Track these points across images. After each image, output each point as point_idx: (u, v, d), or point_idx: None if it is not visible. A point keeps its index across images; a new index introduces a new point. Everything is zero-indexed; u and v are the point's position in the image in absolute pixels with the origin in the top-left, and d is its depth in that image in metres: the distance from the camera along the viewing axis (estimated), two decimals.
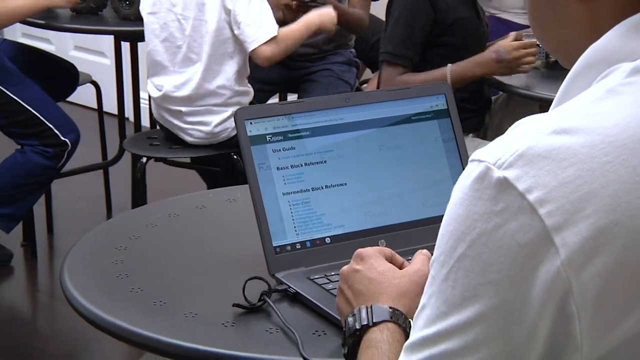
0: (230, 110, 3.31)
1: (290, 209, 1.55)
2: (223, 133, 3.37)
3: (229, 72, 3.31)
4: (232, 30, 3.26)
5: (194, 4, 3.27)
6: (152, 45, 3.37)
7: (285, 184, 1.56)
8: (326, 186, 1.58)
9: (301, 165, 1.57)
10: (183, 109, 3.36)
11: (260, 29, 3.23)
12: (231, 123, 3.30)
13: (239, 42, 3.28)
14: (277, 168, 1.56)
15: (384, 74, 3.21)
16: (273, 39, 3.24)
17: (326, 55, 3.92)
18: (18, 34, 5.51)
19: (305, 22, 3.37)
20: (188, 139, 3.40)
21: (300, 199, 1.56)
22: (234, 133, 3.28)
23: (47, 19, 3.81)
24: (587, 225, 0.85)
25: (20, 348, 3.24)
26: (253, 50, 3.26)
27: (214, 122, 3.34)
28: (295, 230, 1.55)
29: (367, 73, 4.70)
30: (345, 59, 3.94)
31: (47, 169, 3.66)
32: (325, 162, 1.59)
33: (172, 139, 3.47)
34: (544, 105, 3.03)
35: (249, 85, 3.43)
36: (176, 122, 3.40)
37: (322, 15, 3.40)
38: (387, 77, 3.18)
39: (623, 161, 0.86)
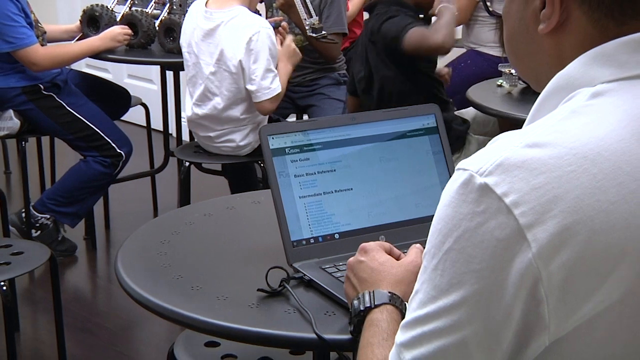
0: (250, 127, 3.30)
1: (306, 209, 1.55)
2: (247, 147, 3.35)
3: (244, 106, 3.27)
4: (244, 81, 3.20)
5: (217, 54, 3.19)
6: (187, 77, 3.38)
7: (301, 189, 1.55)
8: (335, 191, 1.57)
9: (315, 174, 1.57)
10: (210, 134, 3.36)
11: (267, 88, 3.17)
12: (251, 138, 3.32)
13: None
14: (295, 175, 1.55)
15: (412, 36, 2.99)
16: (276, 96, 3.19)
17: (317, 80, 3.89)
18: (82, 64, 5.52)
19: (285, 72, 3.29)
20: (220, 153, 3.40)
21: (314, 202, 1.55)
22: (257, 145, 3.29)
23: (105, 53, 3.82)
24: (554, 223, 0.84)
25: (83, 323, 3.25)
26: (257, 103, 3.20)
27: (237, 139, 3.33)
28: (310, 228, 1.54)
29: None
30: (333, 80, 3.91)
31: (105, 176, 3.67)
32: (334, 170, 1.58)
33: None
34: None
35: None
36: (207, 142, 3.40)
37: (290, 58, 3.33)
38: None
39: (584, 170, 0.85)
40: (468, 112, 3.51)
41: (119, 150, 3.64)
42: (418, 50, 2.99)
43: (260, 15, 3.44)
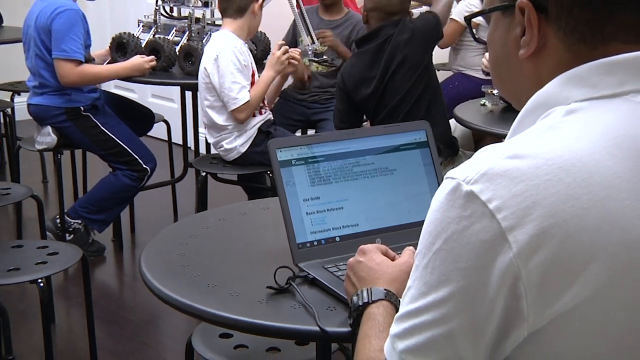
0: (235, 134, 3.38)
1: (310, 215, 1.55)
2: (233, 151, 3.41)
3: (225, 115, 3.35)
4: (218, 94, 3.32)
5: (202, 71, 3.34)
6: None
7: (306, 197, 1.55)
8: (338, 199, 1.57)
9: (319, 183, 1.57)
10: (211, 141, 3.48)
11: (234, 99, 3.26)
12: (236, 143, 3.38)
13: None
14: (301, 185, 1.55)
15: None
16: (244, 104, 3.26)
17: (331, 99, 3.91)
18: (111, 85, 5.53)
19: (265, 77, 3.36)
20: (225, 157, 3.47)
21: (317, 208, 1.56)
22: (243, 150, 3.38)
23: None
24: (532, 226, 0.84)
25: (111, 316, 3.24)
26: (231, 112, 3.30)
27: (224, 144, 3.40)
28: (314, 232, 1.54)
29: None
30: None
31: (131, 188, 3.67)
32: (336, 180, 1.58)
33: (223, 161, 3.49)
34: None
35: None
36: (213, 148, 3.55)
37: (272, 65, 3.37)
38: None
39: (559, 179, 0.85)
40: (456, 127, 3.50)
41: (144, 166, 3.64)
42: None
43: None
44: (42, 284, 2.43)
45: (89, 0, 3.63)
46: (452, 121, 3.31)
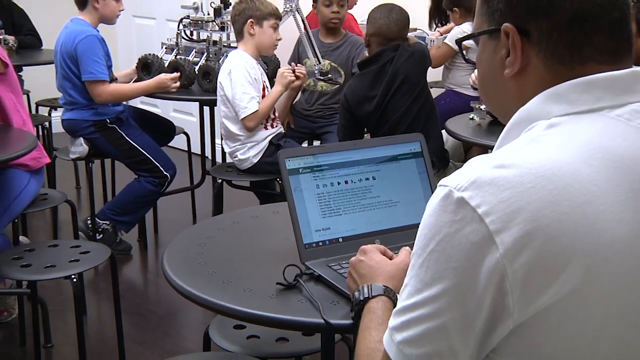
0: (248, 145, 3.37)
1: (316, 219, 1.54)
2: (246, 161, 3.40)
3: (239, 125, 3.34)
4: (231, 104, 3.32)
5: (219, 87, 3.35)
6: None
7: (312, 201, 1.54)
8: (340, 204, 1.56)
9: (323, 190, 1.56)
10: (227, 150, 3.46)
11: (244, 108, 3.26)
12: (249, 154, 3.37)
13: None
14: (307, 191, 1.55)
15: None
16: (252, 114, 3.26)
17: (334, 114, 3.93)
18: (137, 101, 5.52)
19: (274, 92, 3.35)
20: (239, 166, 3.45)
21: (322, 212, 1.55)
22: (255, 160, 3.38)
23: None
24: (517, 230, 0.84)
25: (137, 309, 3.23)
26: (241, 120, 3.30)
27: (239, 154, 3.40)
28: (319, 233, 1.53)
29: None
30: None
31: (153, 193, 3.68)
32: (339, 186, 1.57)
33: (237, 169, 3.49)
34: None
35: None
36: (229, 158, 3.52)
37: (279, 81, 3.37)
38: None
39: (542, 187, 0.85)
40: (447, 140, 3.49)
41: (165, 173, 3.64)
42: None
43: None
44: (75, 280, 2.43)
45: (109, 24, 3.64)
46: (443, 132, 3.31)
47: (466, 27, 3.98)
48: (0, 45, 4.44)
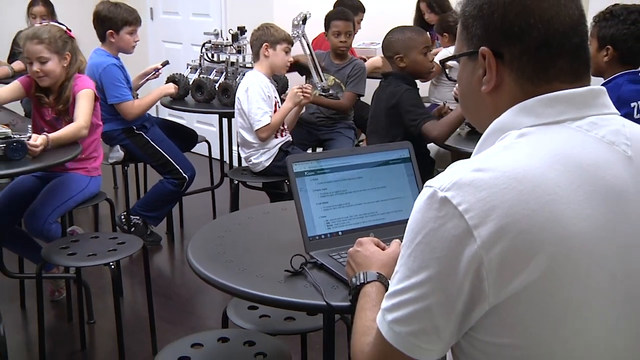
0: (261, 152, 3.36)
1: (319, 215, 1.54)
2: (258, 165, 3.39)
3: (253, 134, 3.32)
4: (247, 117, 3.31)
5: (237, 102, 3.34)
6: None
7: (315, 200, 1.54)
8: (340, 202, 1.56)
9: (325, 189, 1.56)
10: (243, 155, 3.45)
11: (258, 120, 3.26)
12: (262, 159, 3.36)
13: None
14: (311, 191, 1.54)
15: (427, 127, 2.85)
16: (264, 126, 3.26)
17: (335, 124, 3.93)
18: (166, 113, 5.54)
19: (284, 108, 3.34)
20: (253, 169, 3.44)
21: (325, 209, 1.55)
22: (267, 164, 3.36)
23: (182, 105, 3.86)
24: (492, 224, 0.83)
25: (165, 291, 3.23)
26: (255, 131, 3.29)
27: (253, 159, 3.39)
28: (321, 228, 1.53)
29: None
30: (347, 125, 3.99)
31: (173, 192, 3.67)
32: (339, 187, 1.57)
33: (251, 172, 3.48)
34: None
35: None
36: (244, 162, 3.51)
37: (290, 98, 3.35)
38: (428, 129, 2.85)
39: (513, 188, 0.85)
40: (432, 149, 3.48)
41: (184, 174, 3.64)
42: (426, 136, 2.89)
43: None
44: (113, 266, 2.43)
45: (127, 54, 3.61)
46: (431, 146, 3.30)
47: (452, 50, 3.96)
48: None
